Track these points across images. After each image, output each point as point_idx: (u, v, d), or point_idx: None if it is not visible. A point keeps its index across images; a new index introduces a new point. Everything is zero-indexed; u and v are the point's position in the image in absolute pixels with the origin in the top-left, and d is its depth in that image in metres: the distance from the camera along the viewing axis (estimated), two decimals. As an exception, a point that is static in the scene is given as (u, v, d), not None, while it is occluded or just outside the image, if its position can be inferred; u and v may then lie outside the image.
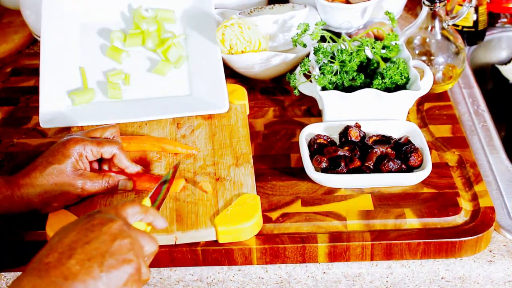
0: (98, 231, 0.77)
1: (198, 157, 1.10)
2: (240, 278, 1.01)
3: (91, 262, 0.74)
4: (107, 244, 0.76)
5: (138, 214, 0.84)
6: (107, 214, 0.80)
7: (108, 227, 0.78)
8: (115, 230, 0.78)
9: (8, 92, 1.35)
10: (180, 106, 1.19)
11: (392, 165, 1.05)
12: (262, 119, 1.23)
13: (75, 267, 0.73)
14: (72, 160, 0.99)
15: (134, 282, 0.77)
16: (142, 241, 0.81)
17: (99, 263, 0.74)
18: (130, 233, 0.79)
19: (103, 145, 1.02)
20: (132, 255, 0.77)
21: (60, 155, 0.99)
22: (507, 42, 1.55)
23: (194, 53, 1.29)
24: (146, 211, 0.85)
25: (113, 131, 1.06)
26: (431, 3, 1.22)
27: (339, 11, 1.29)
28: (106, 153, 1.02)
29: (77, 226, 0.78)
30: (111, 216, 0.80)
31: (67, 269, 0.73)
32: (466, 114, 1.27)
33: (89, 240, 0.76)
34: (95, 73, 1.26)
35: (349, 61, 1.15)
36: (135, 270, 0.77)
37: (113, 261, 0.75)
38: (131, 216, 0.83)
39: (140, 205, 0.84)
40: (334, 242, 0.98)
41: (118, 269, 0.75)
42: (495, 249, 1.01)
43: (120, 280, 0.75)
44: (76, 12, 1.33)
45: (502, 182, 1.11)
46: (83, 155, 1.00)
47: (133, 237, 0.79)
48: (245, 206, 1.00)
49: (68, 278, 0.72)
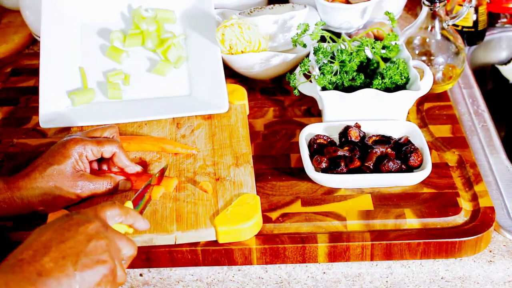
0: (74, 231, 0.78)
1: (198, 157, 1.10)
2: (240, 278, 1.01)
3: (65, 260, 0.75)
4: (82, 243, 0.77)
5: (117, 216, 0.85)
6: (85, 215, 0.81)
7: (85, 227, 0.79)
8: (92, 230, 0.79)
9: (8, 92, 1.35)
10: (180, 106, 1.19)
11: (392, 165, 1.05)
12: (262, 119, 1.23)
13: (49, 264, 0.74)
14: (72, 161, 0.99)
15: (108, 283, 0.78)
16: (119, 243, 0.82)
17: (73, 262, 0.76)
18: (107, 235, 0.80)
19: (103, 144, 1.02)
20: (107, 256, 0.78)
21: (60, 155, 0.99)
22: (507, 42, 1.55)
23: (194, 53, 1.29)
24: (126, 213, 0.86)
25: (113, 131, 1.06)
26: (431, 3, 1.22)
27: (339, 11, 1.29)
28: (106, 152, 1.02)
29: (54, 226, 0.79)
30: (89, 217, 0.81)
31: (41, 265, 0.74)
32: (466, 114, 1.27)
33: (64, 239, 0.77)
34: (95, 73, 1.26)
35: (349, 61, 1.15)
36: (109, 271, 0.78)
37: (87, 260, 0.77)
38: (110, 218, 0.84)
39: (119, 207, 0.85)
40: (334, 242, 0.98)
41: (92, 269, 0.77)
42: (495, 249, 1.01)
43: (94, 280, 0.77)
44: (76, 12, 1.33)
45: (502, 182, 1.11)
46: (83, 155, 1.00)
47: (110, 238, 0.80)
48: (245, 206, 1.00)
49: (42, 274, 0.73)
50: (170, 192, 1.03)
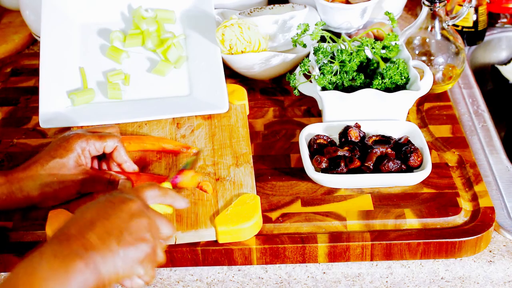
0: (118, 209, 0.81)
1: (198, 157, 1.10)
2: (240, 278, 1.01)
3: (110, 236, 0.78)
4: (125, 221, 0.80)
5: (157, 197, 0.87)
6: (127, 195, 0.83)
7: (128, 206, 0.81)
8: (134, 209, 0.81)
9: (8, 92, 1.35)
10: (180, 106, 1.19)
11: (392, 165, 1.05)
12: (262, 119, 1.23)
13: (94, 239, 0.77)
14: (75, 155, 1.00)
15: (149, 261, 0.81)
16: (159, 223, 0.84)
17: (117, 238, 0.78)
18: (148, 214, 0.82)
19: (105, 138, 1.02)
20: (148, 235, 0.81)
21: (63, 149, 0.99)
22: (507, 42, 1.55)
23: (194, 53, 1.29)
24: (165, 194, 0.88)
25: (113, 131, 1.06)
26: (431, 3, 1.22)
27: (339, 11, 1.29)
28: (108, 147, 1.03)
29: (98, 203, 0.82)
30: (130, 197, 0.83)
31: (87, 240, 0.76)
32: (466, 114, 1.27)
33: (108, 216, 0.79)
34: (95, 73, 1.26)
35: (349, 61, 1.15)
36: (151, 249, 0.81)
37: (130, 237, 0.79)
38: (150, 198, 0.86)
39: (159, 188, 0.88)
40: (334, 242, 0.98)
41: (134, 246, 0.79)
42: (495, 249, 1.01)
43: (136, 256, 0.79)
44: (76, 12, 1.33)
45: (502, 182, 1.11)
46: (86, 149, 1.01)
47: (151, 218, 0.82)
48: (245, 206, 1.00)
49: (88, 248, 0.76)
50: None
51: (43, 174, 0.98)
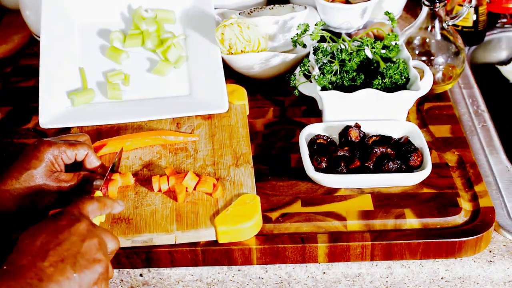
0: (67, 233, 0.79)
1: (198, 157, 1.10)
2: (240, 278, 1.00)
3: (64, 263, 0.77)
4: (77, 244, 0.79)
5: (97, 210, 0.87)
6: (72, 214, 0.82)
7: (76, 227, 0.80)
8: (83, 230, 0.80)
9: (8, 92, 1.35)
10: (180, 106, 1.19)
11: (392, 165, 1.05)
12: (262, 119, 1.23)
13: (49, 269, 0.75)
14: (48, 163, 0.98)
15: (103, 280, 0.80)
16: (106, 239, 0.83)
17: (72, 264, 0.77)
18: (96, 233, 0.82)
19: (76, 146, 1.01)
20: (101, 255, 0.80)
21: (35, 159, 0.97)
22: (507, 42, 1.55)
23: (193, 53, 1.29)
24: (104, 205, 0.88)
25: (83, 139, 1.05)
26: (431, 3, 1.22)
27: (339, 11, 1.29)
28: (80, 154, 1.01)
29: (45, 228, 0.80)
30: (77, 216, 0.82)
31: (41, 270, 0.75)
32: (466, 114, 1.27)
33: (59, 241, 0.78)
34: (95, 73, 1.26)
35: (349, 60, 1.15)
36: (105, 268, 0.80)
37: (84, 261, 0.78)
38: (91, 213, 0.86)
39: (97, 200, 0.87)
40: (334, 242, 0.98)
41: (89, 269, 0.78)
42: (495, 249, 1.01)
43: (92, 279, 0.78)
44: (76, 12, 1.33)
45: (502, 182, 1.11)
46: (59, 157, 0.99)
47: (99, 236, 0.82)
48: (245, 206, 1.00)
49: (43, 279, 0.74)
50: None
51: (19, 188, 0.96)
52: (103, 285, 0.80)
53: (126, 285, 1.02)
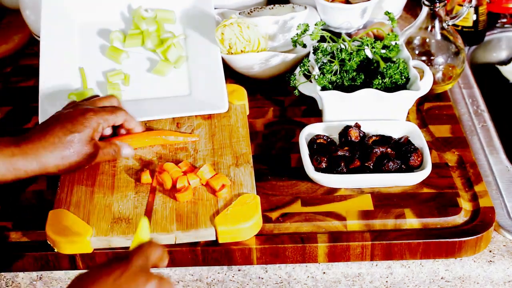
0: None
1: (198, 157, 1.10)
2: (240, 278, 1.01)
3: None
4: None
5: (161, 261, 0.81)
6: (140, 267, 0.77)
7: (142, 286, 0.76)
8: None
9: (8, 92, 1.35)
10: (180, 106, 1.19)
11: (392, 165, 1.05)
12: (262, 119, 1.23)
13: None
14: (91, 130, 1.01)
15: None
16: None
17: None
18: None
19: (116, 112, 1.05)
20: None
21: (80, 124, 1.00)
22: (507, 42, 1.55)
23: (193, 53, 1.29)
24: (164, 252, 0.82)
25: (114, 101, 1.09)
26: (431, 3, 1.22)
27: (339, 11, 1.29)
28: (119, 120, 1.06)
29: (109, 278, 0.75)
30: (146, 273, 0.77)
31: None
32: (466, 114, 1.27)
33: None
34: (95, 73, 1.26)
35: (349, 60, 1.15)
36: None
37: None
38: (154, 260, 0.80)
39: (162, 249, 0.81)
40: (334, 242, 0.98)
41: None
42: (495, 249, 1.01)
43: None
44: (76, 12, 1.33)
45: (502, 182, 1.11)
46: (101, 125, 1.03)
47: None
48: (245, 206, 1.00)
49: None
50: (171, 193, 1.04)
51: (60, 147, 0.98)
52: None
53: (126, 285, 1.02)
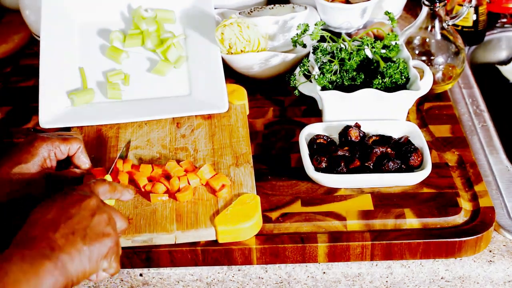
0: (78, 207, 0.82)
1: (198, 157, 1.10)
2: (240, 278, 1.00)
3: (75, 235, 0.79)
4: (87, 219, 0.81)
5: (108, 192, 0.89)
6: (83, 192, 0.85)
7: (87, 203, 0.83)
8: (93, 206, 0.83)
9: (8, 92, 1.35)
10: (180, 106, 1.19)
11: (392, 165, 1.05)
12: (262, 119, 1.23)
13: (61, 240, 0.78)
14: (40, 159, 0.99)
15: (113, 253, 0.83)
16: (115, 217, 0.86)
17: (82, 237, 0.79)
18: (105, 209, 0.84)
19: (70, 141, 1.02)
20: (110, 229, 0.83)
21: (27, 154, 0.98)
22: (507, 42, 1.55)
23: (193, 53, 1.29)
24: (114, 189, 0.91)
25: (74, 135, 1.06)
26: (431, 3, 1.22)
27: (339, 11, 1.29)
28: (73, 149, 1.03)
29: (56, 203, 0.82)
30: (87, 193, 0.84)
31: (53, 241, 0.78)
32: (466, 114, 1.27)
33: (70, 215, 0.80)
34: (95, 73, 1.26)
35: (349, 59, 1.15)
36: (114, 242, 0.83)
37: (94, 234, 0.81)
38: (102, 194, 0.88)
39: (109, 184, 0.90)
40: (334, 242, 0.98)
41: (99, 242, 0.81)
42: (495, 249, 1.01)
43: (101, 252, 0.81)
44: (76, 12, 1.33)
45: (502, 182, 1.11)
46: (52, 152, 1.00)
47: (108, 212, 0.84)
48: (245, 206, 1.00)
49: (55, 249, 0.77)
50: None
51: (9, 180, 0.96)
52: (113, 259, 0.83)
53: (126, 285, 1.02)
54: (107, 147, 1.13)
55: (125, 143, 1.12)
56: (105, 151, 1.12)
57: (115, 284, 1.02)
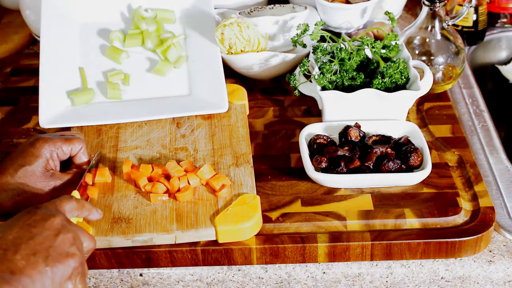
0: (41, 227, 0.79)
1: (198, 157, 1.10)
2: (240, 278, 1.01)
3: (36, 257, 0.76)
4: (50, 239, 0.78)
5: (75, 210, 0.86)
6: (47, 210, 0.82)
7: (51, 222, 0.80)
8: (58, 225, 0.80)
9: (8, 92, 1.35)
10: (180, 106, 1.19)
11: (392, 165, 1.05)
12: (262, 119, 1.23)
13: (21, 262, 0.75)
14: (43, 160, 0.98)
15: (78, 274, 0.79)
16: (81, 237, 0.83)
17: (44, 258, 0.76)
18: (71, 228, 0.81)
19: (72, 141, 1.01)
20: (75, 249, 0.80)
21: (30, 156, 0.97)
22: (507, 42, 1.55)
23: (193, 53, 1.29)
24: (82, 206, 0.87)
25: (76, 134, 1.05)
26: (431, 3, 1.22)
27: (339, 11, 1.29)
28: (75, 149, 1.02)
29: (18, 222, 0.79)
30: (52, 212, 0.82)
31: (13, 264, 0.75)
32: (466, 114, 1.27)
33: (32, 235, 0.78)
34: (95, 73, 1.26)
35: (349, 59, 1.15)
36: (79, 263, 0.80)
37: (57, 255, 0.78)
38: (68, 212, 0.85)
39: (76, 201, 0.87)
40: (334, 242, 0.98)
41: (62, 263, 0.78)
42: (495, 249, 1.01)
43: (65, 273, 0.78)
44: (75, 12, 1.33)
45: (502, 182, 1.11)
46: (54, 153, 0.99)
47: (74, 232, 0.81)
48: (245, 206, 1.00)
49: (15, 272, 0.74)
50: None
51: (14, 184, 0.95)
52: (78, 280, 0.79)
53: (126, 285, 1.02)
54: (107, 147, 1.13)
55: (95, 154, 1.09)
56: (105, 151, 1.12)
57: (115, 284, 1.02)
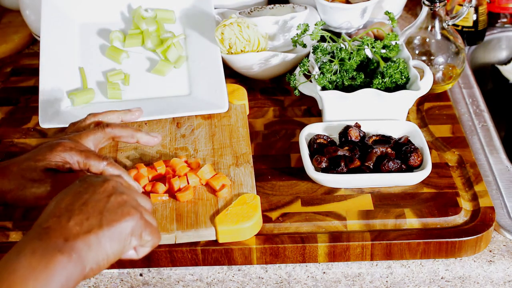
0: (93, 192, 0.80)
1: (198, 157, 1.10)
2: (240, 278, 1.01)
3: (90, 220, 0.77)
4: (103, 201, 0.79)
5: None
6: (98, 177, 0.83)
7: (102, 187, 0.81)
8: (109, 188, 0.81)
9: (8, 92, 1.35)
10: (180, 106, 1.19)
11: (392, 165, 1.05)
12: (262, 119, 1.23)
13: (75, 228, 0.75)
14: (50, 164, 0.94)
15: (141, 228, 0.80)
16: (137, 197, 0.83)
17: (98, 220, 0.77)
18: (124, 190, 0.82)
19: (90, 158, 0.94)
20: (130, 208, 0.80)
21: (41, 155, 0.94)
22: (507, 42, 1.55)
23: (193, 53, 1.29)
24: (129, 187, 0.87)
25: (114, 117, 1.07)
26: (431, 3, 1.22)
27: (339, 11, 1.29)
28: (93, 167, 0.94)
29: (71, 190, 0.80)
30: (103, 178, 0.83)
31: (67, 230, 0.75)
32: (466, 114, 1.27)
33: (84, 201, 0.78)
34: (95, 73, 1.26)
35: (349, 59, 1.15)
36: (137, 220, 0.79)
37: (111, 215, 0.78)
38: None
39: (123, 170, 0.90)
40: (334, 242, 0.98)
41: (119, 222, 0.78)
42: (495, 249, 1.01)
43: (125, 231, 0.78)
44: (75, 12, 1.33)
45: (502, 182, 1.11)
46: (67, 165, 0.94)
47: (127, 193, 0.82)
48: (245, 206, 1.00)
49: (69, 239, 0.74)
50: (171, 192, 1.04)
51: (17, 176, 0.93)
52: (145, 233, 0.80)
53: (126, 285, 1.02)
54: (107, 147, 1.13)
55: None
56: (105, 151, 1.12)
57: (115, 284, 1.02)
